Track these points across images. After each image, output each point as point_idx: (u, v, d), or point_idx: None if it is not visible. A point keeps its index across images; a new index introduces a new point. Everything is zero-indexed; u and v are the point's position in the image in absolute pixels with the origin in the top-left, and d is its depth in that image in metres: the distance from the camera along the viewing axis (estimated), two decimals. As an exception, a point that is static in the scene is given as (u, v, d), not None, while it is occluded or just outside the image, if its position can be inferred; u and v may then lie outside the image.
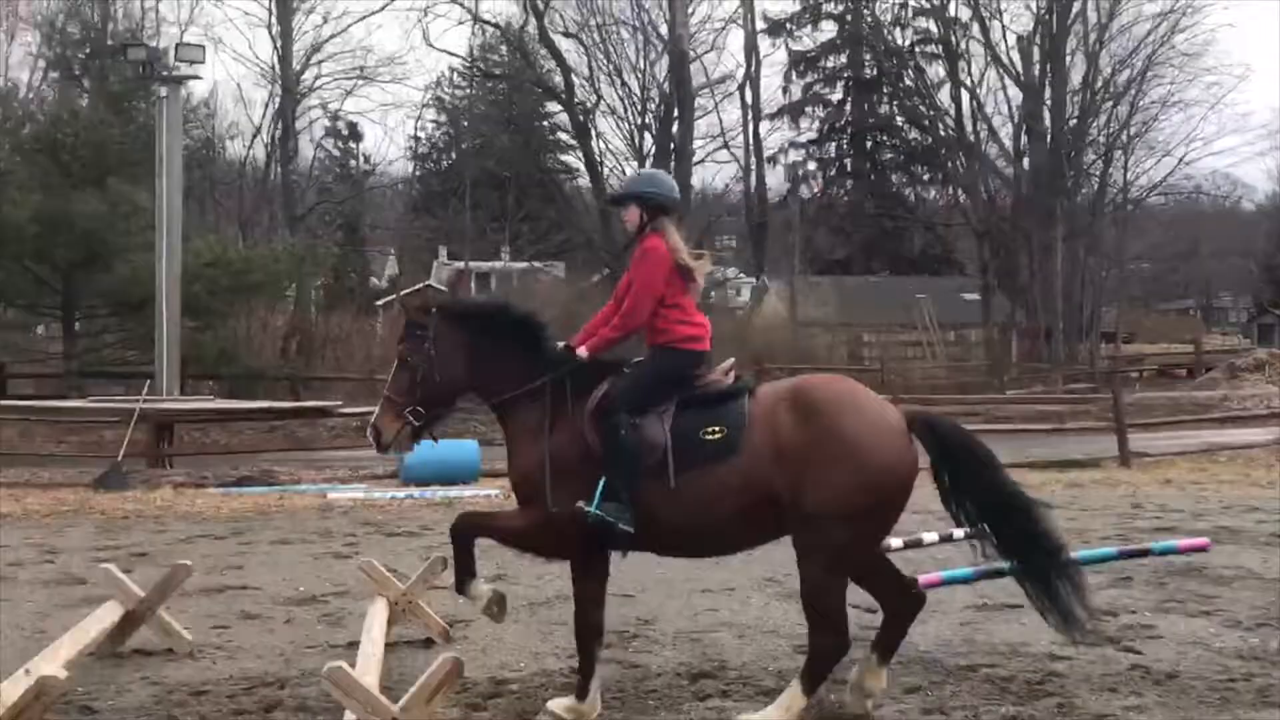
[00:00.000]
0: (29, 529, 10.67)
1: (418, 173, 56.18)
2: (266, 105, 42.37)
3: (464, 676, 4.55)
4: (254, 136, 42.58)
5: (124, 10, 39.00)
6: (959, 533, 8.77)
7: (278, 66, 41.29)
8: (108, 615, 5.88)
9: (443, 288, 48.46)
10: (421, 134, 54.76)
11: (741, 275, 47.99)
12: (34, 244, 22.76)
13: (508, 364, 4.95)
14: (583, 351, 4.96)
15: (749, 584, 7.66)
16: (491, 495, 12.31)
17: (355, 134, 53.31)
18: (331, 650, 5.93)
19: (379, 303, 44.65)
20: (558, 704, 4.87)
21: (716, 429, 4.69)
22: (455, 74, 51.26)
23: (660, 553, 5.12)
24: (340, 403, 18.97)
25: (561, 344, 5.04)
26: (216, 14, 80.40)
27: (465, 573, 4.96)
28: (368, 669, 4.73)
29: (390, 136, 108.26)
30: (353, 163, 54.50)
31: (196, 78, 19.54)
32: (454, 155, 54.31)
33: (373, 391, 15.97)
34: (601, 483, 4.67)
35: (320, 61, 42.59)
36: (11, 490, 13.16)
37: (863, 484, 4.58)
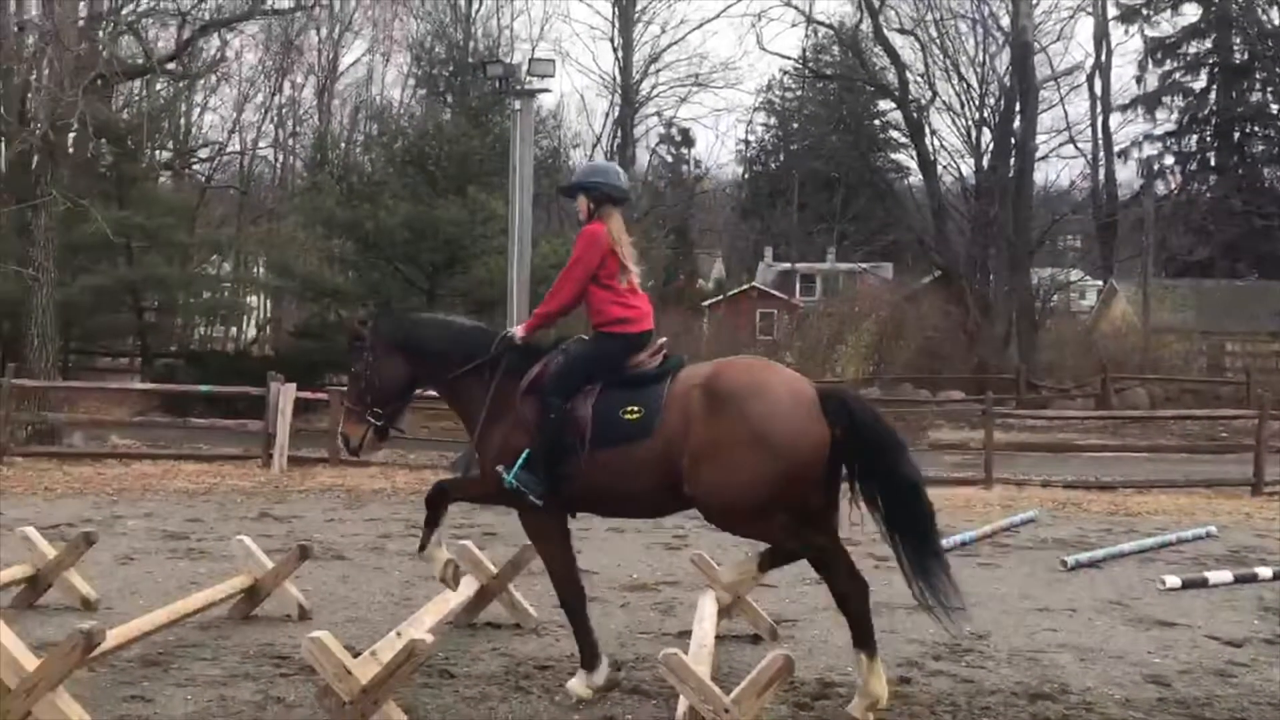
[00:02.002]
0: (397, 505, 11.80)
1: (746, 175, 57.02)
2: (607, 115, 44.51)
3: (792, 675, 4.57)
4: (594, 145, 44.80)
5: (483, 30, 42.19)
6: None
7: (618, 77, 43.26)
8: (464, 589, 6.38)
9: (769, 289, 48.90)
10: (751, 137, 55.62)
11: (1087, 278, 45.02)
12: (404, 248, 25.06)
13: (443, 354, 5.37)
14: (518, 331, 5.38)
15: (1092, 605, 7.24)
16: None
17: (687, 140, 55.03)
18: (663, 638, 6.13)
19: (706, 304, 45.73)
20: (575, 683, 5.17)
21: (635, 409, 4.95)
22: (786, 76, 51.70)
23: (589, 512, 5.42)
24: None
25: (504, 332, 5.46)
26: (564, 29, 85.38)
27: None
28: (700, 659, 4.85)
29: (721, 141, 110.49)
30: (684, 168, 56.11)
31: (546, 91, 20.58)
32: (782, 157, 54.64)
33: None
34: (524, 453, 5.01)
35: (658, 70, 44.24)
36: (383, 469, 14.55)
37: (764, 462, 4.68)
